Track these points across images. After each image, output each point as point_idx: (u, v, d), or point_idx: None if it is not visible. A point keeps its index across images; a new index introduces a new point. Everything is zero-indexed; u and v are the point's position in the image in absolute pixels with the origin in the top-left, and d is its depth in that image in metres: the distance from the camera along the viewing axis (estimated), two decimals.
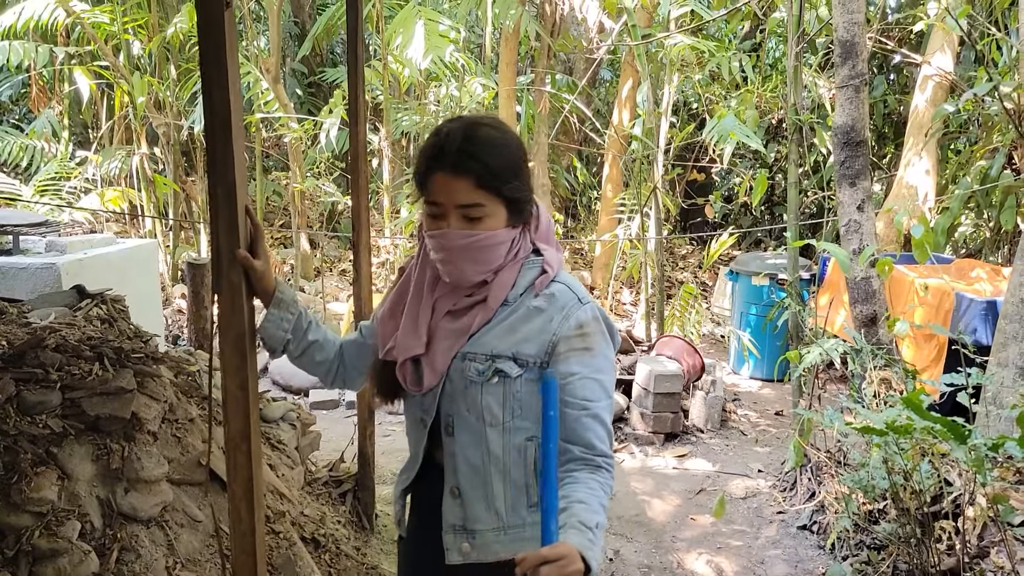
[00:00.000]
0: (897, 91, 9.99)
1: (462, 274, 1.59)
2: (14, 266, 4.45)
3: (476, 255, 1.56)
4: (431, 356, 1.61)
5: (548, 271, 1.64)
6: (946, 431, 2.70)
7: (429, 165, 1.55)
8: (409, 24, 7.19)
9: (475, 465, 1.62)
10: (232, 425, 1.86)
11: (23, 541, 2.28)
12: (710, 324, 8.62)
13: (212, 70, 1.71)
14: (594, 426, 1.55)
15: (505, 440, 1.60)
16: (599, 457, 1.55)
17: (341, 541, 3.39)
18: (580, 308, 1.61)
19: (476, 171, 1.52)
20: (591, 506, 1.44)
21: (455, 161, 1.52)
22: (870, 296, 4.35)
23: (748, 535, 4.30)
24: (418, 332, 1.62)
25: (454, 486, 1.64)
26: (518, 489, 1.63)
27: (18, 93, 10.96)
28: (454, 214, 1.55)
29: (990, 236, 7.87)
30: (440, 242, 1.57)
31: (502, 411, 1.59)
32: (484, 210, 1.55)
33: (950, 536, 3.46)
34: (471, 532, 1.63)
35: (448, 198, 1.54)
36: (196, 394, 3.18)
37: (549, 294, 1.62)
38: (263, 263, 1.76)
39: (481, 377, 1.58)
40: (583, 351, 1.59)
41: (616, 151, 8.64)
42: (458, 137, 1.53)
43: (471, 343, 1.61)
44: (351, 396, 5.99)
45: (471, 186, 1.53)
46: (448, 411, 1.63)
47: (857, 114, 4.33)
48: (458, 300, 1.63)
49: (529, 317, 1.60)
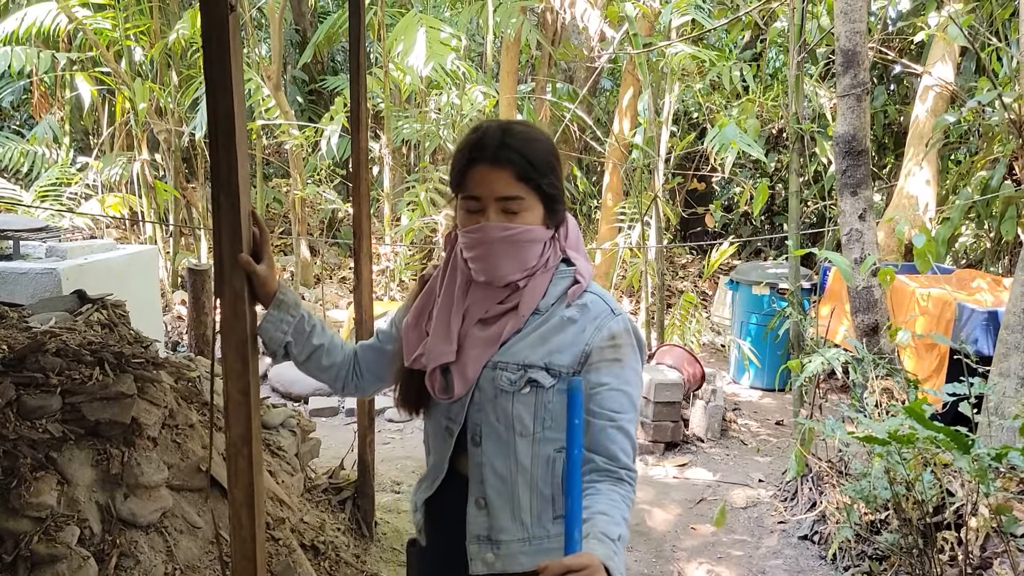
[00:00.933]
0: (897, 101, 10.01)
1: (497, 270, 1.57)
2: (14, 271, 4.44)
3: (513, 250, 1.56)
4: (461, 364, 1.59)
5: (581, 281, 1.63)
6: (949, 441, 2.69)
7: (471, 158, 1.55)
8: (410, 32, 7.20)
9: (502, 475, 1.60)
10: (233, 431, 1.85)
11: (22, 546, 2.26)
12: (710, 333, 8.61)
13: (216, 74, 1.71)
14: (619, 438, 1.54)
15: (534, 450, 1.59)
16: (622, 470, 1.53)
17: (340, 548, 3.38)
18: (613, 319, 1.60)
19: (516, 163, 1.53)
20: (613, 518, 1.43)
21: (495, 153, 1.53)
22: (872, 305, 4.34)
23: (749, 545, 4.28)
24: (450, 339, 1.60)
25: (480, 496, 1.62)
26: (544, 500, 1.61)
27: (19, 99, 10.96)
28: (493, 207, 1.55)
29: (990, 247, 7.87)
30: (477, 236, 1.56)
31: (533, 421, 1.58)
32: (523, 203, 1.55)
33: (952, 547, 3.44)
34: (496, 542, 1.61)
35: (488, 190, 1.54)
36: (196, 400, 3.17)
37: (582, 304, 1.61)
38: (266, 268, 1.75)
39: (513, 386, 1.57)
40: (613, 362, 1.58)
41: (616, 160, 8.64)
42: (497, 132, 1.56)
43: (502, 352, 1.59)
44: (351, 403, 5.98)
45: (511, 178, 1.54)
46: (476, 420, 1.61)
47: (859, 123, 4.33)
48: (490, 307, 1.61)
49: (562, 327, 1.59)
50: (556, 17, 8.91)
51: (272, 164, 11.11)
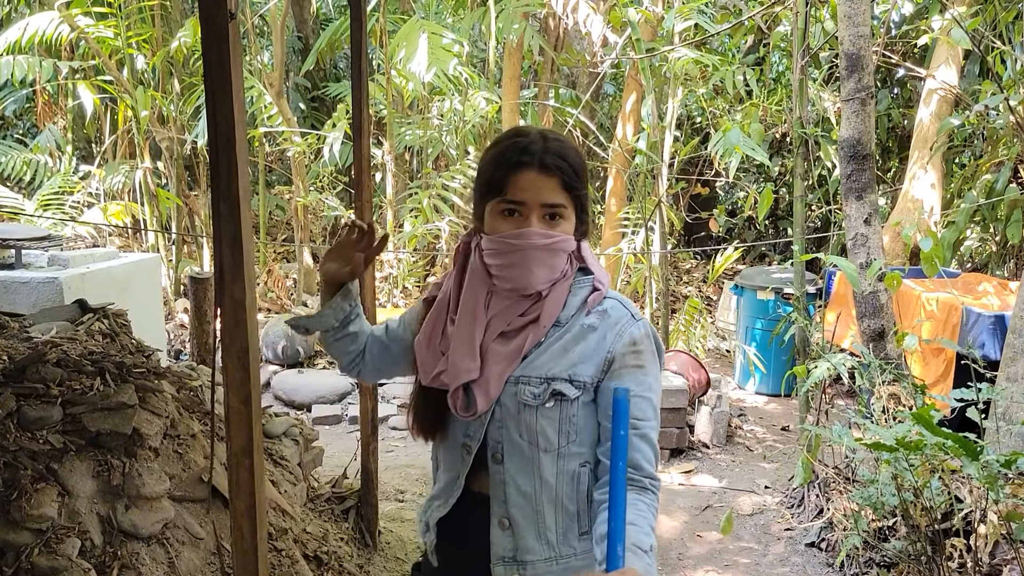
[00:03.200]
0: (901, 105, 9.99)
1: (531, 278, 1.53)
2: (16, 280, 4.43)
3: (549, 258, 1.53)
4: (484, 380, 1.54)
5: (600, 288, 1.60)
6: (958, 448, 2.67)
7: (518, 162, 1.51)
8: (413, 38, 7.19)
9: (526, 493, 1.55)
10: (235, 441, 1.84)
11: (22, 559, 2.24)
12: (715, 339, 8.59)
13: (216, 82, 1.70)
14: (642, 446, 1.50)
15: (559, 467, 1.55)
16: (646, 478, 1.49)
17: (344, 559, 3.35)
18: (634, 324, 1.57)
19: (564, 171, 1.51)
20: (643, 528, 1.40)
21: (543, 160, 1.50)
22: (878, 310, 4.32)
23: (756, 552, 4.25)
24: (473, 354, 1.55)
25: (503, 516, 1.57)
26: (569, 517, 1.57)
27: (22, 108, 10.98)
28: (537, 213, 1.52)
29: (996, 250, 7.84)
30: (517, 243, 1.51)
31: (557, 436, 1.54)
32: (566, 212, 1.54)
33: (961, 554, 3.41)
34: (522, 563, 1.57)
35: (535, 196, 1.51)
36: (198, 409, 3.16)
37: (601, 311, 1.58)
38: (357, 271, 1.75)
39: (536, 400, 1.52)
40: (635, 368, 1.54)
41: (620, 165, 8.62)
42: (539, 138, 1.53)
43: (524, 366, 1.55)
44: (353, 411, 5.97)
45: (558, 186, 1.51)
46: (496, 437, 1.56)
47: (863, 127, 4.31)
48: (512, 320, 1.57)
49: (583, 336, 1.56)
50: (558, 22, 8.90)
51: (274, 171, 11.11)
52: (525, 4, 7.55)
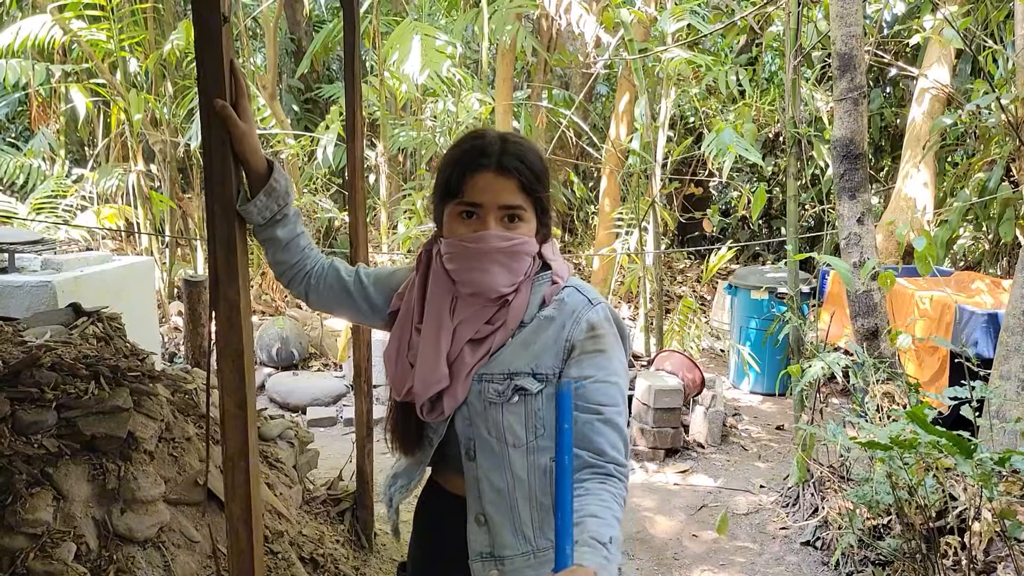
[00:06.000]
0: (893, 104, 10.02)
1: (493, 281, 1.52)
2: (9, 284, 4.42)
3: (509, 261, 1.52)
4: (453, 384, 1.55)
5: (558, 281, 1.60)
6: (952, 446, 2.68)
7: (475, 163, 1.51)
8: (406, 40, 7.18)
9: (500, 489, 1.56)
10: (230, 444, 1.83)
11: (18, 563, 2.24)
12: (709, 338, 8.60)
13: (210, 85, 1.69)
14: (606, 431, 1.48)
15: (529, 461, 1.55)
16: (610, 464, 1.47)
17: (340, 561, 3.35)
18: (591, 309, 1.57)
19: (521, 172, 1.51)
20: (604, 520, 1.38)
21: (501, 161, 1.51)
22: (871, 309, 4.33)
23: (751, 551, 4.25)
24: (440, 364, 1.54)
25: (479, 513, 1.58)
26: (544, 511, 1.57)
27: (14, 111, 10.94)
28: (494, 215, 1.52)
29: (989, 248, 7.86)
30: (475, 246, 1.51)
31: (524, 431, 1.54)
32: (524, 214, 1.54)
33: (956, 551, 3.43)
34: (500, 559, 1.57)
35: (492, 198, 1.51)
36: (193, 413, 3.15)
37: (559, 300, 1.58)
38: (247, 125, 1.66)
39: (501, 397, 1.53)
40: (596, 353, 1.54)
41: (613, 165, 8.63)
42: (497, 140, 1.54)
43: (487, 364, 1.55)
44: (349, 413, 5.96)
45: (516, 187, 1.52)
46: (468, 435, 1.57)
47: (856, 127, 4.32)
48: (479, 327, 1.56)
49: (541, 328, 1.56)
50: (551, 23, 8.91)
51: None
52: (518, 5, 7.54)
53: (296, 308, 8.37)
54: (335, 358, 7.30)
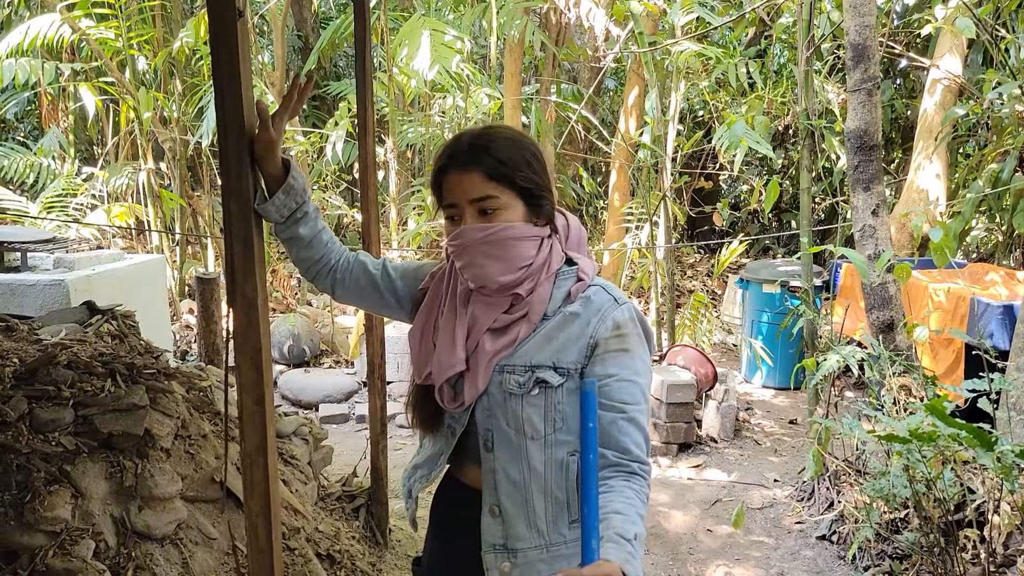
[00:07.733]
0: (904, 95, 9.96)
1: (485, 273, 1.54)
2: (22, 283, 4.43)
3: (497, 250, 1.53)
4: (473, 373, 1.57)
5: (584, 279, 1.61)
6: (972, 438, 2.66)
7: (445, 166, 1.55)
8: (415, 35, 7.17)
9: (516, 481, 1.56)
10: (248, 441, 1.83)
11: (37, 561, 2.24)
12: (721, 333, 8.57)
13: (225, 81, 1.69)
14: (630, 430, 1.50)
15: (547, 455, 1.55)
16: (634, 463, 1.48)
17: (356, 557, 3.35)
18: (617, 308, 1.57)
19: (485, 162, 1.52)
20: (629, 516, 1.39)
21: (464, 157, 1.53)
22: (887, 302, 4.30)
23: (767, 546, 4.24)
24: (456, 350, 1.58)
25: (494, 504, 1.59)
26: (559, 505, 1.58)
27: (24, 110, 10.97)
28: (469, 210, 1.54)
29: (1002, 240, 7.82)
30: (458, 243, 1.54)
31: (543, 424, 1.54)
32: (498, 202, 1.53)
33: (975, 545, 3.40)
34: (512, 551, 1.58)
35: (461, 195, 1.54)
36: (208, 410, 3.15)
37: (585, 297, 1.58)
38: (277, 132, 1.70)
39: (521, 389, 1.53)
40: (620, 352, 1.54)
41: (623, 160, 8.60)
42: (467, 138, 1.56)
43: (509, 355, 1.56)
44: (362, 410, 5.96)
45: (482, 178, 1.52)
46: (487, 425, 1.58)
47: (870, 118, 4.29)
48: (497, 316, 1.58)
49: (565, 323, 1.56)
50: (560, 17, 8.88)
51: None
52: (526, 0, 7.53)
53: (307, 305, 8.38)
54: (346, 355, 7.30)
